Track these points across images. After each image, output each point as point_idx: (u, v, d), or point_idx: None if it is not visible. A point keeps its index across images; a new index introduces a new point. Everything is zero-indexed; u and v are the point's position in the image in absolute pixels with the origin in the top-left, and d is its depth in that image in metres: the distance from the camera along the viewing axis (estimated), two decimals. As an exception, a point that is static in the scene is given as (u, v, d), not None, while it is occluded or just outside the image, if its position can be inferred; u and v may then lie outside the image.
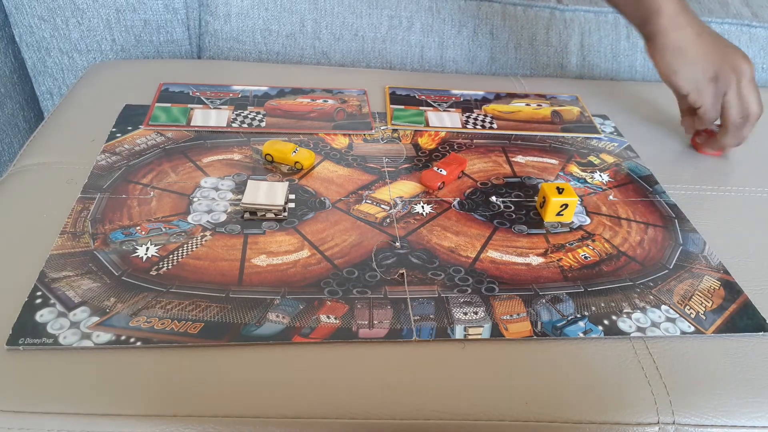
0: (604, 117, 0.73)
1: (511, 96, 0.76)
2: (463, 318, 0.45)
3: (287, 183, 0.55)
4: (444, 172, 0.58)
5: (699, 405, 0.41)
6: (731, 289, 0.50)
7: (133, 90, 0.69)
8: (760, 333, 0.46)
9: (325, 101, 0.70)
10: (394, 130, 0.67)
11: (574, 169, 0.63)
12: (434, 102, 0.72)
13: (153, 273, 0.46)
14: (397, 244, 0.51)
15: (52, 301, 0.43)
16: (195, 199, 0.54)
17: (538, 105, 0.74)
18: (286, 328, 0.43)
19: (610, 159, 0.65)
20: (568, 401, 0.40)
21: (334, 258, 0.49)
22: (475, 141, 0.66)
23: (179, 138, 0.62)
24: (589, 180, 0.62)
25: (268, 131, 0.64)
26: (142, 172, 0.56)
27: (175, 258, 0.47)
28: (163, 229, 0.50)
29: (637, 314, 0.47)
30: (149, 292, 0.44)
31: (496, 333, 0.44)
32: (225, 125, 0.64)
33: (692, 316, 0.47)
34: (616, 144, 0.68)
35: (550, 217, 0.55)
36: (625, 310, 0.47)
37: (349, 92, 0.73)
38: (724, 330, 0.46)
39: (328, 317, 0.44)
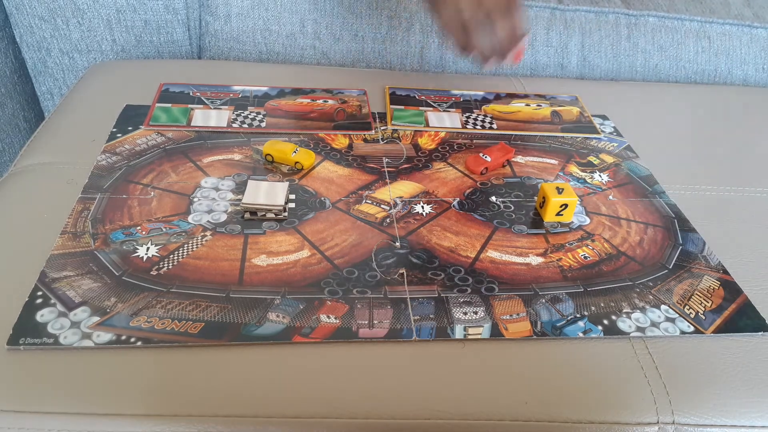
0: (604, 117, 0.73)
1: (511, 96, 0.76)
2: (463, 318, 0.45)
3: (287, 183, 0.55)
4: (488, 159, 0.60)
5: (698, 405, 0.41)
6: (731, 289, 0.50)
7: (133, 90, 0.69)
8: (760, 333, 0.46)
9: (325, 101, 0.70)
10: (394, 131, 0.67)
11: (574, 169, 0.63)
12: (434, 102, 0.73)
13: (153, 273, 0.46)
14: (397, 244, 0.51)
15: (53, 301, 0.43)
16: (195, 199, 0.54)
17: (538, 105, 0.74)
18: (286, 328, 0.43)
19: (609, 159, 0.65)
20: (568, 401, 0.40)
21: (334, 258, 0.49)
22: (475, 141, 0.66)
23: (180, 138, 0.62)
24: (588, 180, 0.62)
25: (269, 131, 0.64)
26: (143, 172, 0.57)
27: (176, 258, 0.48)
28: (164, 229, 0.50)
29: (636, 314, 0.47)
30: (150, 292, 0.44)
31: (496, 333, 0.44)
32: (225, 125, 0.64)
33: (692, 315, 0.47)
34: (615, 144, 0.68)
35: (549, 217, 0.55)
36: (624, 310, 0.47)
37: (349, 92, 0.73)
38: (724, 330, 0.46)
39: (328, 317, 0.44)
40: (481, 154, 0.61)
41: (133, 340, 0.41)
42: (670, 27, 0.87)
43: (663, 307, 0.48)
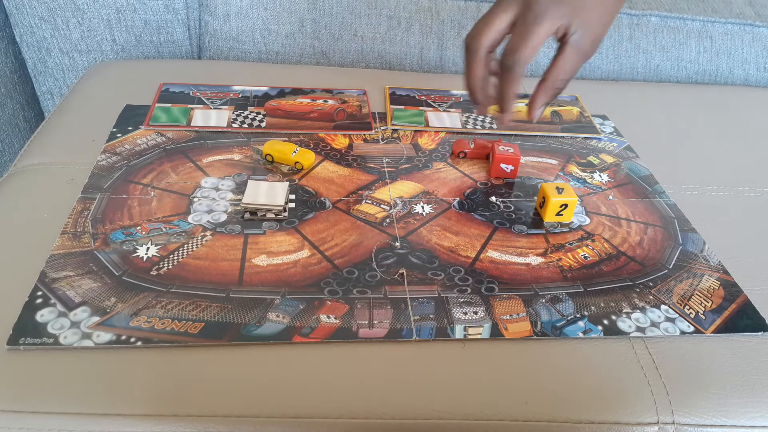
0: (604, 117, 0.73)
1: (511, 96, 0.75)
2: (463, 318, 0.45)
3: (287, 183, 0.55)
4: (472, 146, 0.62)
5: (698, 405, 0.41)
6: (731, 288, 0.50)
7: (133, 90, 0.69)
8: (760, 333, 0.46)
9: (325, 101, 0.70)
10: (394, 130, 0.67)
11: (574, 169, 0.63)
12: (434, 102, 0.73)
13: (153, 273, 0.46)
14: (397, 244, 0.51)
15: (53, 300, 0.43)
16: (195, 199, 0.54)
17: (538, 105, 0.74)
18: (286, 328, 0.43)
19: (609, 159, 0.65)
20: (568, 401, 0.40)
21: (334, 258, 0.49)
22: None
23: (179, 138, 0.62)
24: (588, 180, 0.62)
25: (269, 131, 0.64)
26: (143, 172, 0.57)
27: (176, 258, 0.48)
28: (164, 229, 0.50)
29: (636, 314, 0.47)
30: (149, 292, 0.44)
31: (496, 333, 0.44)
32: (225, 125, 0.64)
33: (692, 315, 0.47)
34: (615, 144, 0.68)
35: (549, 217, 0.55)
36: (624, 310, 0.47)
37: (349, 92, 0.73)
38: (724, 330, 0.46)
39: (328, 317, 0.44)
40: (470, 142, 0.63)
41: (133, 340, 0.41)
42: (672, 27, 0.87)
43: (663, 307, 0.48)
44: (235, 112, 0.67)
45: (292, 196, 0.55)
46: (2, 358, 0.39)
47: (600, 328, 0.45)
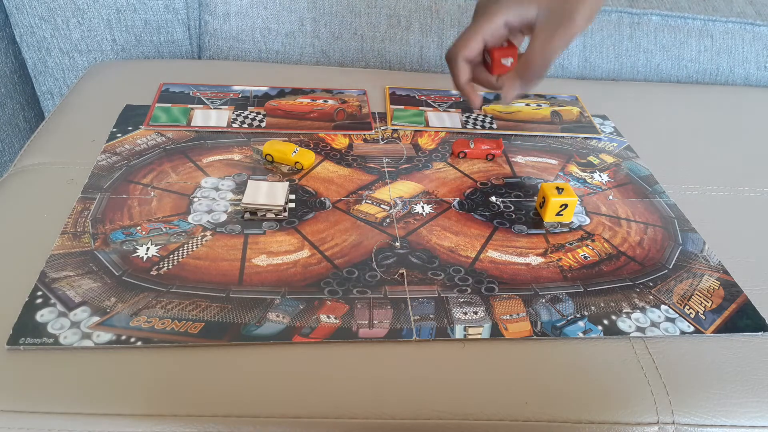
0: (604, 117, 0.73)
1: (511, 96, 0.75)
2: (463, 318, 0.45)
3: (287, 183, 0.55)
4: (472, 146, 0.63)
5: (698, 405, 0.41)
6: (731, 288, 0.50)
7: (133, 90, 0.69)
8: (760, 333, 0.46)
9: (325, 101, 0.70)
10: (394, 130, 0.67)
11: (574, 169, 0.63)
12: (434, 102, 0.72)
13: (153, 273, 0.46)
14: (397, 244, 0.51)
15: (53, 300, 0.43)
16: (195, 199, 0.54)
17: (538, 105, 0.74)
18: (286, 328, 0.43)
19: (609, 159, 0.65)
20: (568, 401, 0.40)
21: (334, 258, 0.49)
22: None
23: (179, 138, 0.62)
24: (588, 180, 0.62)
25: (269, 131, 0.64)
26: (143, 172, 0.57)
27: (176, 258, 0.48)
28: (164, 229, 0.50)
29: (636, 314, 0.47)
30: (149, 292, 0.44)
31: (496, 333, 0.44)
32: (225, 125, 0.64)
33: (692, 315, 0.47)
34: (615, 144, 0.68)
35: (549, 217, 0.55)
36: (624, 310, 0.47)
37: (349, 92, 0.73)
38: (724, 330, 0.46)
39: (328, 317, 0.44)
40: (470, 142, 0.63)
41: (133, 340, 0.41)
42: (673, 26, 0.87)
43: (663, 307, 0.48)
44: (235, 112, 0.67)
45: (292, 196, 0.55)
46: (2, 358, 0.39)
47: (600, 328, 0.45)
